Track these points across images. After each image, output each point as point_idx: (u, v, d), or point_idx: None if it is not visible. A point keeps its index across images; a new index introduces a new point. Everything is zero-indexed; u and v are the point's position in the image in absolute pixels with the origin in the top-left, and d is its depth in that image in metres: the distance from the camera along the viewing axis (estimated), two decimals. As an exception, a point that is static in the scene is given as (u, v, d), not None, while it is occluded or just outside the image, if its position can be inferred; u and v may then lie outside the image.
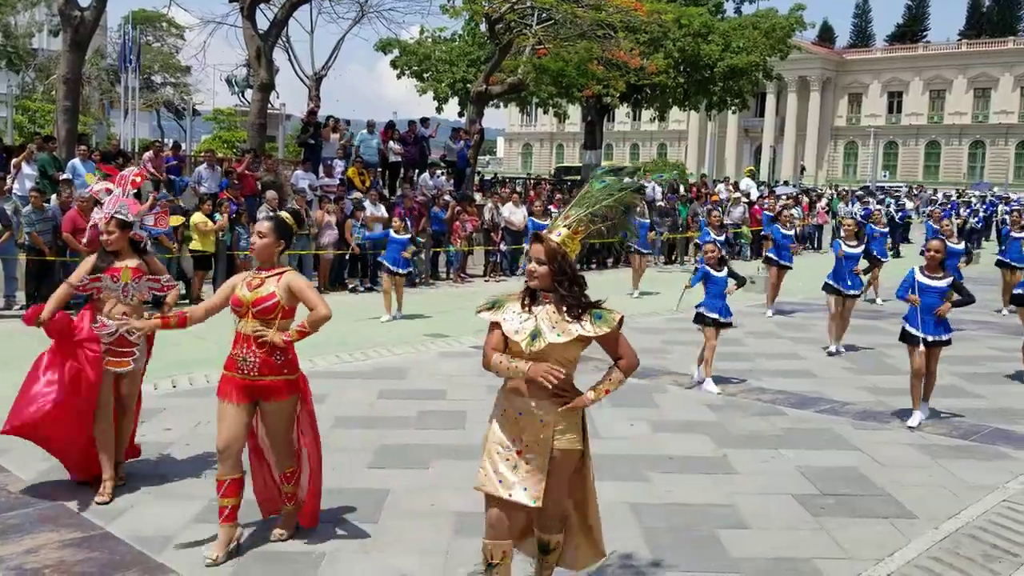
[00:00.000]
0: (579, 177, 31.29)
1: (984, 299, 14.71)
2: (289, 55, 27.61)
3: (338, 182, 17.33)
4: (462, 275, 17.05)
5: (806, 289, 14.51)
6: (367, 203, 15.72)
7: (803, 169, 69.32)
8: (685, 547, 4.87)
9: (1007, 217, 26.39)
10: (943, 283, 7.53)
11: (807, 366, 9.81)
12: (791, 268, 13.90)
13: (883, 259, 14.80)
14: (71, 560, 4.51)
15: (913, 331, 7.47)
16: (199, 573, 4.41)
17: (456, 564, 4.59)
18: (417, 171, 19.94)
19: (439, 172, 20.47)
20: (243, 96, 28.29)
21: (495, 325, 3.73)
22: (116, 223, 5.41)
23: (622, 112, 67.23)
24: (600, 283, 16.62)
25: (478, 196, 20.36)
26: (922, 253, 10.49)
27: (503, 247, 17.78)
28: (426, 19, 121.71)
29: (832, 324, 10.66)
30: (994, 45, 74.47)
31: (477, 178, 25.54)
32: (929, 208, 25.12)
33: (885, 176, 70.51)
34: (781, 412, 7.82)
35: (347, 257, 15.33)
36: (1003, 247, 15.28)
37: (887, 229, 15.78)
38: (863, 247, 11.01)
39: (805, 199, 28.19)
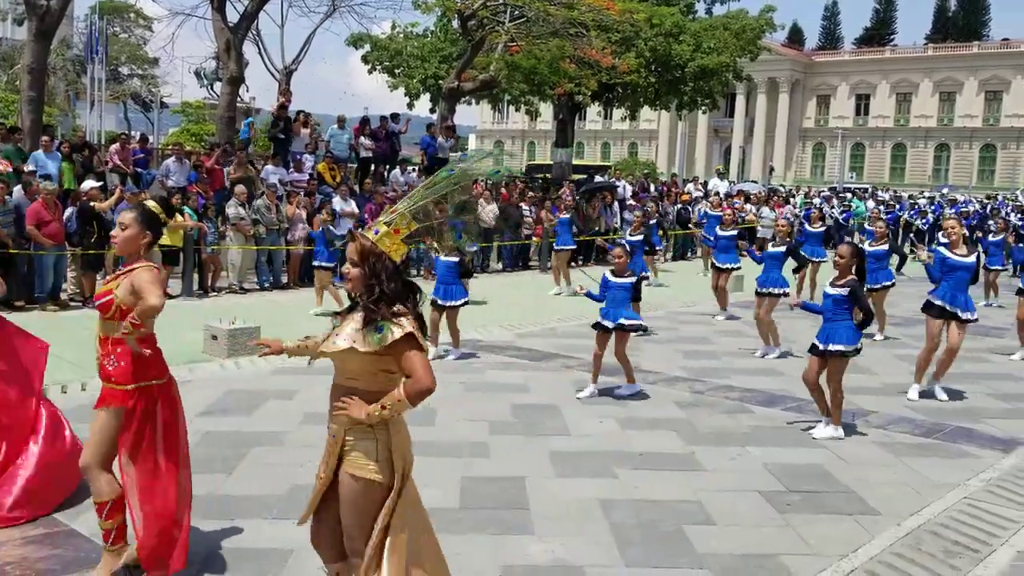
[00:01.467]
0: (549, 175, 31.35)
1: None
2: (259, 48, 27.43)
3: (308, 177, 17.21)
4: (432, 272, 16.98)
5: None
6: (337, 199, 15.62)
7: (772, 169, 70.08)
8: (652, 543, 4.90)
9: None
10: (842, 291, 7.02)
11: (774, 365, 9.90)
12: (736, 269, 12.87)
13: (813, 259, 14.18)
14: (34, 557, 4.45)
15: (815, 340, 7.12)
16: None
17: (425, 560, 4.58)
18: (388, 167, 19.87)
19: (410, 168, 20.40)
20: (212, 89, 28.08)
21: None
22: None
23: (593, 111, 67.44)
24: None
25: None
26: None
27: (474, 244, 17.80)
28: (398, 14, 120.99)
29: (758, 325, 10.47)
30: (960, 49, 75.73)
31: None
32: (872, 209, 23.75)
33: (852, 177, 71.40)
34: (748, 410, 7.90)
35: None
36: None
37: (822, 229, 15.24)
38: (787, 247, 10.61)
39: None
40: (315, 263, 12.69)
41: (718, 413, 7.75)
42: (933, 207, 29.87)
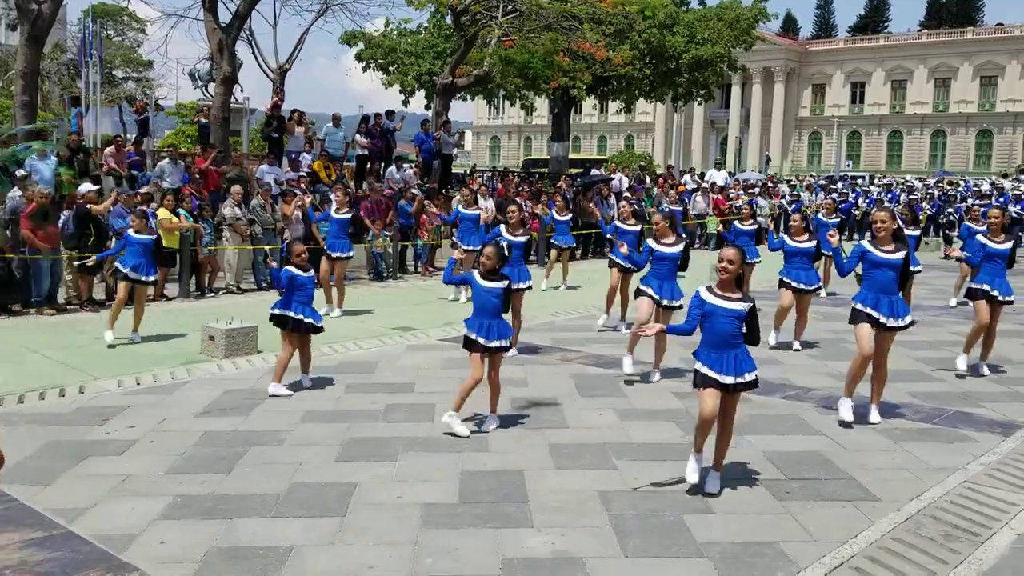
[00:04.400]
0: (547, 169, 31.35)
1: (938, 286, 15.03)
2: (252, 48, 27.30)
3: (299, 176, 17.18)
4: (430, 269, 17.01)
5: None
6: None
7: (768, 159, 70.00)
8: (652, 533, 4.90)
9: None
10: (739, 306, 5.41)
11: (772, 353, 9.89)
12: (636, 270, 10.60)
13: (751, 259, 11.46)
14: (32, 560, 4.44)
15: (700, 367, 5.45)
16: (163, 571, 4.37)
17: (423, 556, 4.58)
18: (383, 164, 19.87)
19: (405, 165, 20.40)
20: (206, 90, 27.92)
21: None
22: None
23: (589, 104, 67.29)
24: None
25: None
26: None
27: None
28: (391, 11, 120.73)
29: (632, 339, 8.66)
30: (954, 35, 75.73)
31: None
32: (821, 199, 22.43)
33: (849, 165, 71.36)
34: (746, 398, 7.86)
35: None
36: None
37: (753, 227, 12.97)
38: (683, 245, 8.67)
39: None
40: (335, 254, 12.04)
41: (717, 403, 7.73)
42: (890, 195, 28.90)
